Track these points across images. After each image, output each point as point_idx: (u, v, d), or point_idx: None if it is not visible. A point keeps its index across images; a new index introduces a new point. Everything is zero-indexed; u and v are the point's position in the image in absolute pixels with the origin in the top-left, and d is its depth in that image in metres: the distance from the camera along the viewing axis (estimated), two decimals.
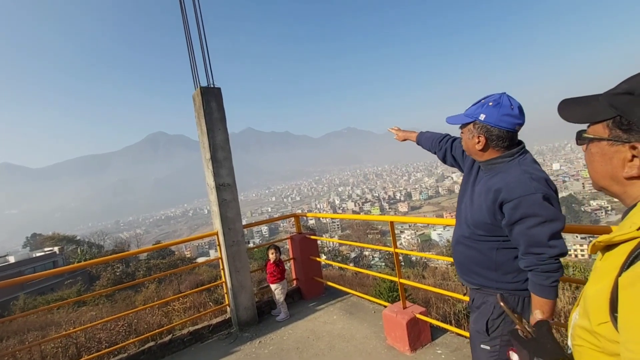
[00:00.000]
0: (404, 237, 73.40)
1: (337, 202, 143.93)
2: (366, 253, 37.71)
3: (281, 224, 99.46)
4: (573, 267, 7.09)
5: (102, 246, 38.40)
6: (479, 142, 1.37)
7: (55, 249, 34.91)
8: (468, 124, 1.41)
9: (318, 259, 4.25)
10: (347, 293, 4.03)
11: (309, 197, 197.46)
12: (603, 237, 0.63)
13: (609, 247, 0.63)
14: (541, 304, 1.25)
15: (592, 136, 0.68)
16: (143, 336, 3.35)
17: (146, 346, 3.16)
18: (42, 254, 33.81)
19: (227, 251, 3.46)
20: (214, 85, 3.47)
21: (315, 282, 4.19)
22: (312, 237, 4.20)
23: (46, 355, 5.07)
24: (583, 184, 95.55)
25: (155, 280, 14.96)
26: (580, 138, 0.71)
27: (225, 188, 3.47)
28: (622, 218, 0.65)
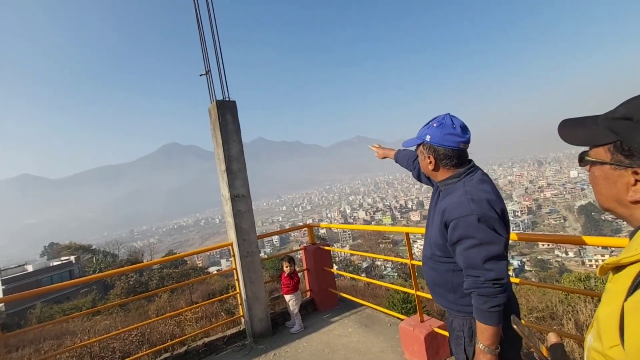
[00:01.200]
0: (417, 247, 72.25)
1: (348, 211, 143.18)
2: (378, 263, 37.20)
3: (292, 233, 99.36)
4: (595, 279, 6.82)
5: (117, 255, 39.02)
6: (430, 162, 1.43)
7: (72, 258, 35.63)
8: (419, 145, 1.48)
9: (332, 269, 4.21)
10: (362, 305, 3.98)
11: (320, 206, 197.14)
12: (611, 260, 0.62)
13: (617, 268, 0.62)
14: (481, 330, 1.23)
15: (594, 159, 0.68)
16: (157, 347, 3.36)
17: (161, 357, 3.17)
18: (59, 262, 34.59)
19: (242, 262, 3.47)
20: (229, 98, 3.56)
21: (329, 294, 4.15)
22: (326, 247, 4.18)
23: None
24: None
25: (167, 290, 15.09)
26: (583, 160, 0.71)
27: (240, 199, 3.50)
28: (630, 239, 0.65)
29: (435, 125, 1.41)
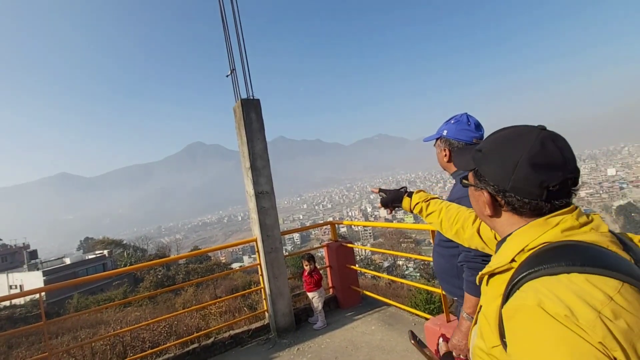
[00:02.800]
0: None
1: (369, 209, 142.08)
2: (400, 263, 36.63)
3: (313, 232, 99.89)
4: None
5: (146, 250, 40.69)
6: (445, 154, 1.61)
7: (105, 252, 37.60)
8: (437, 139, 1.66)
9: (355, 267, 4.19)
10: (385, 303, 3.95)
11: (341, 205, 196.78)
12: (485, 270, 0.74)
13: (492, 275, 0.74)
14: (467, 299, 1.39)
15: (467, 182, 0.83)
16: (185, 338, 3.49)
17: (190, 347, 3.28)
18: (94, 256, 36.64)
19: (266, 257, 3.53)
20: (253, 97, 3.61)
21: (352, 291, 4.14)
22: (349, 245, 4.17)
23: (96, 352, 5.44)
24: None
25: (193, 284, 15.61)
26: (461, 183, 0.85)
27: (264, 196, 3.55)
28: (496, 251, 0.78)
29: (452, 122, 1.59)
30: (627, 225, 69.10)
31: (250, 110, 3.53)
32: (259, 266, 3.69)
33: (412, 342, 1.05)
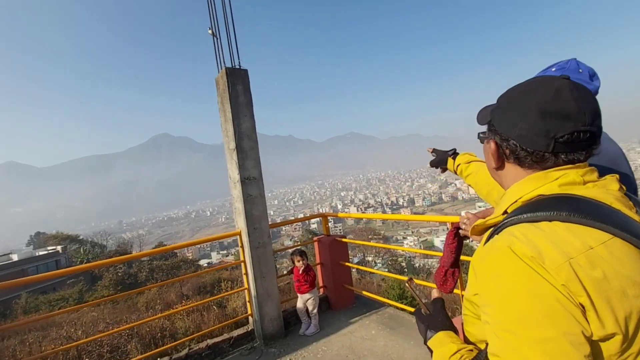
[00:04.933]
0: (407, 243, 72.69)
1: (339, 206, 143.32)
2: (369, 258, 37.11)
3: (283, 228, 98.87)
4: None
5: (105, 246, 38.13)
6: None
7: (59, 247, 34.62)
8: None
9: (349, 264, 3.82)
10: (382, 303, 3.62)
11: (312, 202, 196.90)
12: (479, 222, 0.74)
13: (485, 229, 0.74)
14: None
15: (481, 135, 0.80)
16: (153, 351, 2.93)
17: None
18: (45, 252, 33.53)
19: (252, 253, 3.04)
20: (240, 66, 3.08)
21: (345, 291, 3.75)
22: (343, 239, 3.78)
23: (46, 358, 4.74)
24: None
25: (157, 282, 14.54)
26: (478, 137, 0.82)
27: (251, 182, 3.05)
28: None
29: (553, 69, 1.16)
30: None
31: (237, 82, 3.00)
32: (243, 264, 3.20)
33: (407, 283, 1.05)
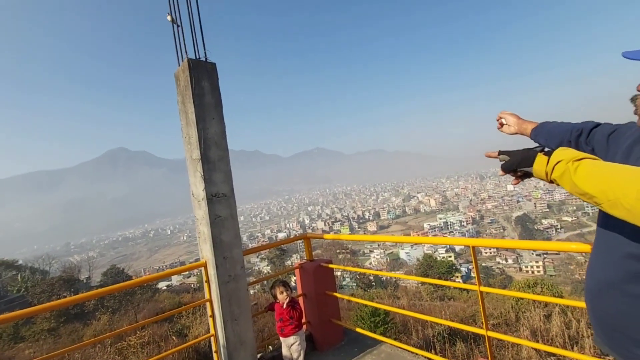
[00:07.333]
0: (373, 257, 73.98)
1: (307, 221, 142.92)
2: (337, 273, 37.21)
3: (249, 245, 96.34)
4: (541, 286, 7.28)
5: (48, 272, 34.67)
6: None
7: None
8: None
9: (337, 294, 3.30)
10: (376, 341, 3.12)
11: (279, 217, 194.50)
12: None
13: None
14: None
15: None
16: None
17: None
18: None
19: (221, 290, 2.46)
20: (206, 59, 2.58)
21: (333, 326, 3.25)
22: (330, 265, 3.31)
23: None
24: (535, 203, 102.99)
25: (108, 310, 13.54)
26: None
27: (220, 200, 2.51)
28: None
29: None
30: (523, 233, 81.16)
31: (202, 77, 2.50)
32: (208, 303, 2.56)
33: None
